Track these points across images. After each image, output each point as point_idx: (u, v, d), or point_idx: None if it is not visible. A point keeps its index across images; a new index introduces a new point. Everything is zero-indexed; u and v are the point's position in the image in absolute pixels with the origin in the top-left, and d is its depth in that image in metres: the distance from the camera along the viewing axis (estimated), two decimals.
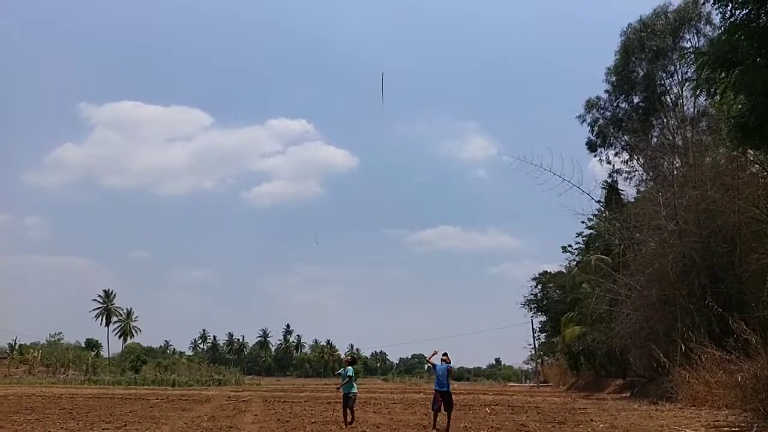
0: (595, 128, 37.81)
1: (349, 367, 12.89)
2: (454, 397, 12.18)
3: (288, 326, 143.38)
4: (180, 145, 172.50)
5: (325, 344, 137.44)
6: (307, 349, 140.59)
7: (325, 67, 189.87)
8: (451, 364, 12.00)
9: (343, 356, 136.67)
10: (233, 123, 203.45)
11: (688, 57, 26.63)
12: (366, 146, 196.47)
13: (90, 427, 11.88)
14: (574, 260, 46.09)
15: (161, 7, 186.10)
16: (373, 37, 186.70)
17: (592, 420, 13.92)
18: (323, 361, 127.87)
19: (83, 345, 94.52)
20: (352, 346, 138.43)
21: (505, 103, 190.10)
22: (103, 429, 11.40)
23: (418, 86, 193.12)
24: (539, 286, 56.19)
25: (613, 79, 36.00)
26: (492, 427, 12.14)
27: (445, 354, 11.93)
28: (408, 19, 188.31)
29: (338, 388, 12.88)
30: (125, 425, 12.20)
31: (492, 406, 19.30)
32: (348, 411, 12.54)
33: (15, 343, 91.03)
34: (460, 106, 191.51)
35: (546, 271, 55.59)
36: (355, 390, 12.59)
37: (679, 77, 33.18)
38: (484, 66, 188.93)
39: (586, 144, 38.47)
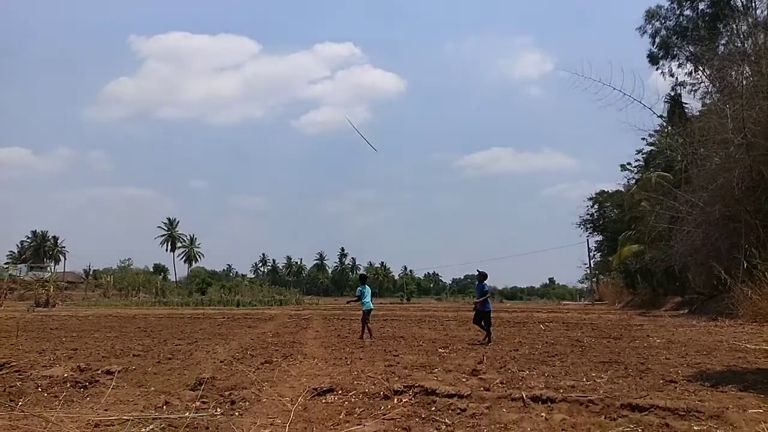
0: (657, 39, 35.75)
1: (359, 287, 13.72)
2: (506, 315, 12.60)
3: (343, 249, 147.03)
4: (229, 74, 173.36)
5: (379, 266, 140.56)
6: (362, 270, 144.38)
7: None
8: (483, 283, 12.60)
9: (397, 278, 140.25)
10: (280, 49, 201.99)
11: None
12: (414, 68, 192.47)
13: (164, 342, 12.71)
14: (633, 178, 44.80)
15: None
16: None
17: (648, 336, 13.90)
18: (378, 282, 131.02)
19: (151, 270, 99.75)
20: (405, 268, 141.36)
21: (561, 15, 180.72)
22: (176, 344, 12.16)
23: (467, 1, 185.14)
24: (596, 206, 55.16)
25: None
26: (547, 342, 12.33)
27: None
28: None
29: (348, 302, 13.84)
30: (196, 341, 12.99)
31: (546, 323, 19.50)
32: (363, 326, 13.37)
33: (89, 269, 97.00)
34: (512, 21, 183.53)
35: (603, 191, 54.41)
36: (364, 308, 13.35)
37: None
38: None
39: (648, 56, 36.55)
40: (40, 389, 6.62)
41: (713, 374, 7.34)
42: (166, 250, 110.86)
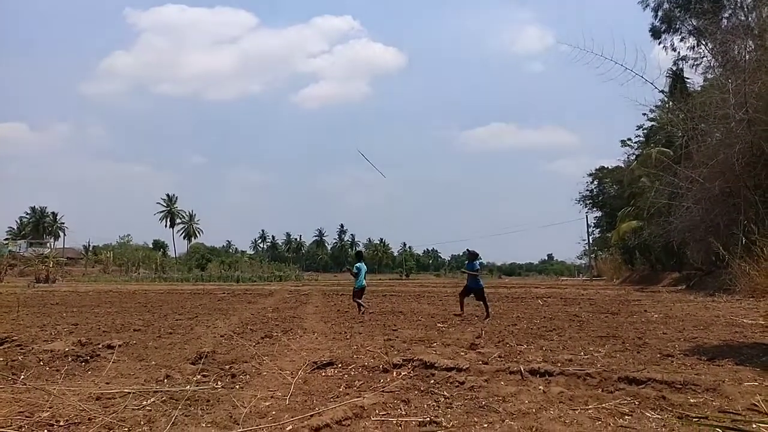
0: (659, 12, 35.27)
1: (357, 263, 13.89)
2: (504, 290, 12.65)
3: (342, 226, 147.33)
4: (227, 48, 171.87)
5: (378, 242, 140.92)
6: (361, 247, 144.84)
7: None
8: (473, 262, 12.79)
9: (396, 254, 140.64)
10: (278, 23, 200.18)
11: None
12: (414, 42, 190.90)
13: (164, 317, 12.78)
14: (634, 154, 44.78)
15: None
16: None
17: (646, 311, 13.99)
18: (377, 258, 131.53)
19: (150, 246, 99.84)
20: (404, 244, 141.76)
21: None
22: (177, 319, 12.22)
23: None
24: (595, 182, 55.16)
25: None
26: (545, 317, 12.40)
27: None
28: None
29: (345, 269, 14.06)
30: (197, 316, 13.06)
31: (544, 299, 19.61)
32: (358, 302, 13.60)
33: (89, 245, 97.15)
34: None
35: (603, 167, 54.41)
36: (357, 285, 13.63)
37: None
38: None
39: (650, 30, 36.07)
40: (41, 363, 6.66)
41: (710, 348, 7.39)
42: (166, 226, 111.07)
